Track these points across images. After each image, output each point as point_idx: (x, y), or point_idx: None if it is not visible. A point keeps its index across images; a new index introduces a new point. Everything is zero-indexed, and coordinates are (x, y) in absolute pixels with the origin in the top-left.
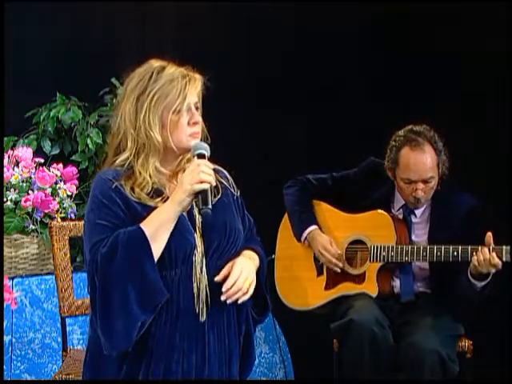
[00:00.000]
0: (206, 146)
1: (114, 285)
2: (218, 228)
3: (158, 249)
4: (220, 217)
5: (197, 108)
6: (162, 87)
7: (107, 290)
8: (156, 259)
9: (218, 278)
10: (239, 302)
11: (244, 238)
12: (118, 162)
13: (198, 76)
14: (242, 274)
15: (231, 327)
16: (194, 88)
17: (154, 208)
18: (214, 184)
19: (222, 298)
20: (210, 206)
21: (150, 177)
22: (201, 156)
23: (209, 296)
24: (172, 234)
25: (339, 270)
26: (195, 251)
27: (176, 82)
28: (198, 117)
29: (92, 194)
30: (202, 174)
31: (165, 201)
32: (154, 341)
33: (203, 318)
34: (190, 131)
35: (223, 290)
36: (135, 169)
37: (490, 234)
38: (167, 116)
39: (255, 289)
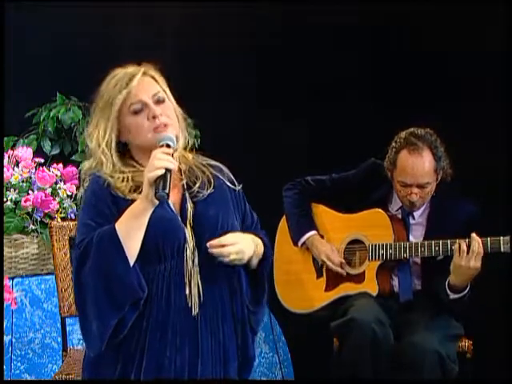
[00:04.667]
0: (169, 136)
1: (87, 286)
2: (210, 221)
3: (133, 246)
4: (212, 210)
5: (158, 100)
6: (108, 95)
7: (81, 291)
8: (133, 256)
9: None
10: (220, 258)
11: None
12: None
13: (143, 69)
14: (232, 239)
15: (226, 323)
16: (138, 85)
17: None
18: (173, 167)
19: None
20: (167, 191)
21: (123, 172)
22: (167, 146)
23: (201, 290)
24: (158, 229)
25: (344, 274)
26: (186, 245)
27: (119, 85)
28: (157, 110)
29: (85, 192)
30: (156, 161)
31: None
32: (146, 337)
33: (195, 311)
34: (153, 126)
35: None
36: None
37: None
38: (128, 120)
39: (254, 276)
